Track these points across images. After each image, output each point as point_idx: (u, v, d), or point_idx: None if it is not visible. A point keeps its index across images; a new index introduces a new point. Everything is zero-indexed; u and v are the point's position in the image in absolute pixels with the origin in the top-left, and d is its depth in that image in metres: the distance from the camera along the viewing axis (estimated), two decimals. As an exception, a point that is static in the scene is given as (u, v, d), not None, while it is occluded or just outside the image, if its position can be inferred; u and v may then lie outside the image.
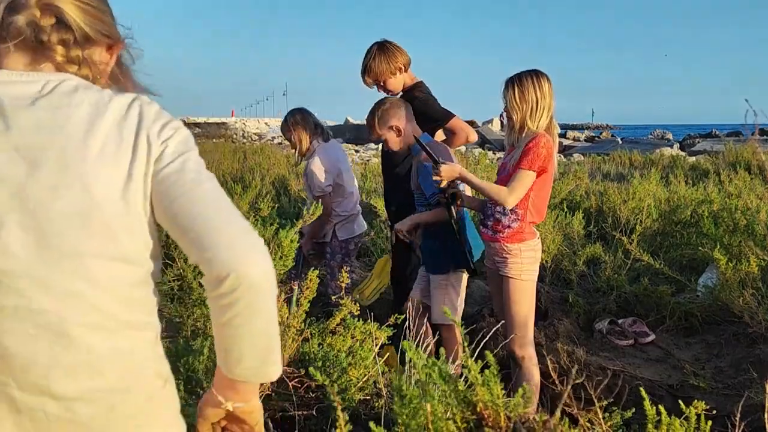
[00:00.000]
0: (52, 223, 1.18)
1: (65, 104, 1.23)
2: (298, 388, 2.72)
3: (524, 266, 3.60)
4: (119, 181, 1.22)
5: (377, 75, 4.39)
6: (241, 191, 7.34)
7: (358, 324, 3.14)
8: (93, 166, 1.20)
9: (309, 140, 5.01)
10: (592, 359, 4.46)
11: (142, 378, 1.30)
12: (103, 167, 1.21)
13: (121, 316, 1.25)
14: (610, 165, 17.14)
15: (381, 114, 4.04)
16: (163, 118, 1.30)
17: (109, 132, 1.24)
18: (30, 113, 1.21)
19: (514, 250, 3.59)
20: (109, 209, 1.21)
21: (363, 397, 2.75)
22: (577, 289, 5.67)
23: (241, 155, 16.07)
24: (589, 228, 6.90)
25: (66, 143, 1.20)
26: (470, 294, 5.97)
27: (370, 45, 4.48)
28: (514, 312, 3.62)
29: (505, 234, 3.60)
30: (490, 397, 1.20)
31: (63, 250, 1.19)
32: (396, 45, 4.44)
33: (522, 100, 3.54)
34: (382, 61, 4.35)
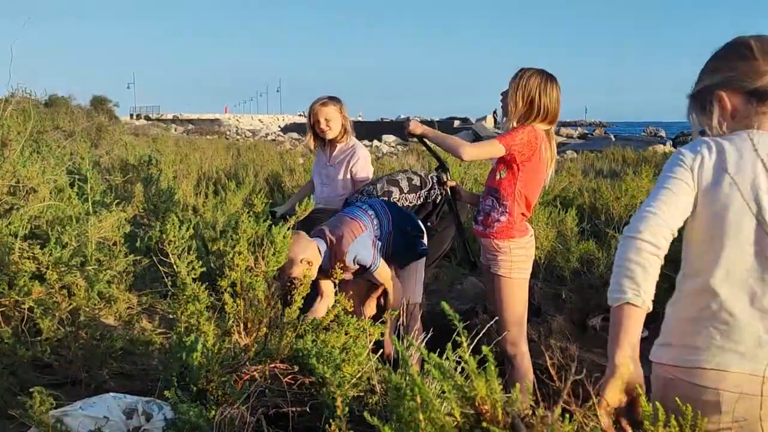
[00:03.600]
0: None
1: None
2: (291, 385, 2.70)
3: (514, 264, 3.58)
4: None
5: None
6: (235, 187, 7.33)
7: (352, 320, 3.12)
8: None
9: (348, 136, 4.98)
10: (585, 355, 4.46)
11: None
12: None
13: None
14: (604, 162, 17.20)
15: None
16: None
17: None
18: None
19: (504, 247, 3.57)
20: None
21: (357, 394, 2.73)
22: (570, 286, 5.68)
23: (234, 152, 16.06)
24: (583, 225, 6.91)
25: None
26: (463, 290, 5.98)
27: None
28: (505, 310, 3.61)
29: (495, 229, 3.57)
30: (488, 392, 1.19)
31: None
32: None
33: (521, 98, 3.49)
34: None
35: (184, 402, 2.30)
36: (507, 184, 3.54)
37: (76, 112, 16.99)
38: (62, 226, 3.91)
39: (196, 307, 2.83)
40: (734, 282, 1.75)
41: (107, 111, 27.84)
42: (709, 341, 1.77)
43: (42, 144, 5.99)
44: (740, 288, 1.75)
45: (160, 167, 6.08)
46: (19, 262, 3.43)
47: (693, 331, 1.83)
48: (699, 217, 1.81)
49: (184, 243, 4.38)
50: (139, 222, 5.77)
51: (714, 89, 1.89)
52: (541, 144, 3.49)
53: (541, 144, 3.49)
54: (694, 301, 1.85)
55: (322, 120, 4.82)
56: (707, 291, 1.80)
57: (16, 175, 4.13)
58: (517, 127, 3.48)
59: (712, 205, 1.78)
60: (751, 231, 1.73)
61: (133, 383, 3.18)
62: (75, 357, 3.14)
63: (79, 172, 5.26)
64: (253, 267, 2.94)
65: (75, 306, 3.36)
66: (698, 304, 1.83)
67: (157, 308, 4.06)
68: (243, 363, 2.68)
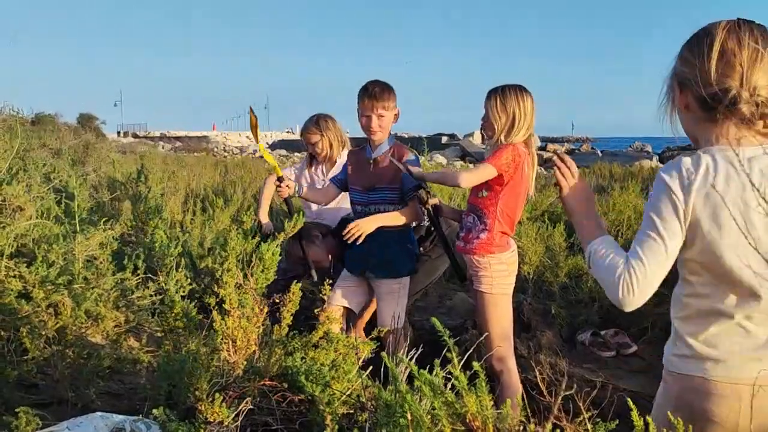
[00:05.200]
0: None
1: None
2: (281, 403, 2.69)
3: (495, 280, 3.58)
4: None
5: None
6: (223, 204, 7.30)
7: (341, 337, 3.11)
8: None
9: (339, 149, 5.04)
10: (575, 371, 4.46)
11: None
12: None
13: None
14: (591, 177, 17.25)
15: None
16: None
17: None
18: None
19: (483, 263, 3.58)
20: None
21: (346, 411, 2.72)
22: (559, 301, 5.67)
23: (222, 168, 16.02)
24: (571, 240, 6.92)
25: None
26: (453, 306, 5.97)
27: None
28: (489, 325, 3.61)
29: (474, 245, 3.59)
30: (479, 408, 1.18)
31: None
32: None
33: (503, 112, 3.54)
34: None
35: (173, 421, 2.28)
36: (489, 202, 3.57)
37: (63, 129, 16.90)
38: (49, 245, 3.88)
39: (184, 325, 2.82)
40: (746, 304, 1.77)
41: (94, 129, 27.73)
42: (727, 354, 1.80)
43: (29, 162, 5.96)
44: (751, 307, 1.77)
45: (148, 184, 6.05)
46: (5, 280, 3.40)
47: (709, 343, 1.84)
48: (694, 249, 1.81)
49: (173, 260, 4.37)
50: (127, 240, 5.74)
51: (675, 79, 1.88)
52: (522, 161, 3.52)
53: (522, 161, 3.52)
54: (702, 318, 1.86)
55: (310, 146, 4.98)
56: (715, 311, 1.82)
57: (2, 193, 4.11)
58: (501, 147, 3.51)
59: (711, 237, 1.76)
60: (753, 256, 1.72)
61: (120, 402, 3.15)
62: (62, 376, 3.11)
63: (65, 189, 5.24)
64: (242, 284, 2.93)
65: (62, 325, 3.33)
66: (708, 320, 1.85)
67: (145, 326, 4.03)
68: (232, 381, 2.67)
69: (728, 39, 1.73)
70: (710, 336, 1.82)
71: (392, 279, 3.93)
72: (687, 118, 1.87)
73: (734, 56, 1.71)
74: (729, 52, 1.72)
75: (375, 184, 3.92)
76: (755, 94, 1.70)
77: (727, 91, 1.71)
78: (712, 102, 1.74)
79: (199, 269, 5.14)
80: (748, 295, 1.76)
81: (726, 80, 1.72)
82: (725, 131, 1.76)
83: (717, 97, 1.73)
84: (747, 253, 1.71)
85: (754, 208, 1.70)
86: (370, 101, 3.82)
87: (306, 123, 5.11)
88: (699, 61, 1.76)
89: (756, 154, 1.74)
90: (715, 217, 1.74)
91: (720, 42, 1.73)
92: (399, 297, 3.95)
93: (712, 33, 1.76)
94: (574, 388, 1.40)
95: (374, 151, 3.95)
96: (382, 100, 3.82)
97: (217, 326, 2.74)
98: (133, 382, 3.42)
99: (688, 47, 1.84)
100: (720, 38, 1.73)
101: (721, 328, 1.81)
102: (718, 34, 1.74)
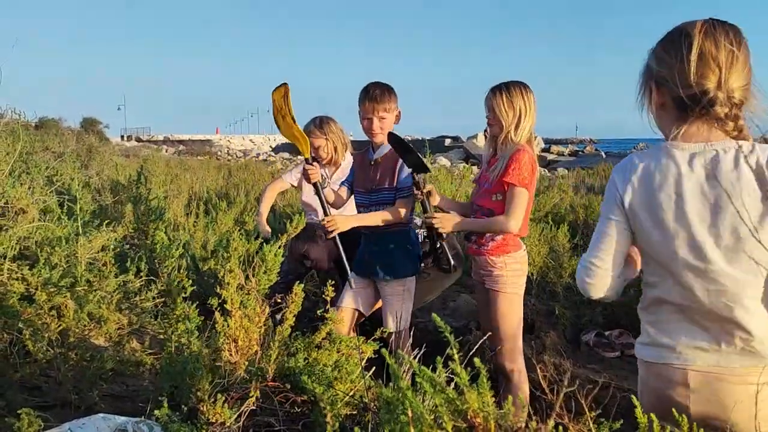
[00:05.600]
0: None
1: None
2: (283, 404, 2.68)
3: (509, 279, 3.58)
4: None
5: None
6: (226, 207, 7.31)
7: (344, 338, 3.11)
8: None
9: (343, 153, 5.03)
10: (579, 371, 4.45)
11: None
12: None
13: None
14: (594, 178, 17.22)
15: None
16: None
17: None
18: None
19: (499, 263, 3.58)
20: None
21: (349, 412, 2.71)
22: (563, 302, 5.66)
23: (225, 172, 16.05)
24: (575, 240, 6.91)
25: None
26: (457, 308, 5.96)
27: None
28: (502, 325, 3.60)
29: (489, 247, 3.59)
30: (481, 405, 1.18)
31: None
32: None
33: (510, 108, 3.54)
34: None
35: (175, 422, 2.28)
36: (504, 207, 3.56)
37: (67, 133, 16.95)
38: (51, 247, 3.89)
39: (187, 326, 2.81)
40: (685, 292, 1.85)
41: (97, 132, 27.81)
42: (676, 341, 1.88)
43: (31, 165, 5.97)
44: (692, 296, 1.84)
45: (150, 186, 6.06)
46: (8, 283, 3.40)
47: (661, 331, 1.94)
48: (639, 239, 1.94)
49: (174, 262, 4.37)
50: (130, 242, 5.74)
51: (650, 78, 1.93)
52: (536, 164, 3.55)
53: (536, 164, 3.55)
54: (655, 307, 1.96)
55: (313, 149, 4.93)
56: (662, 300, 1.92)
57: (5, 196, 4.11)
58: (515, 157, 3.49)
59: (645, 226, 1.89)
60: (685, 246, 1.82)
61: (123, 404, 3.15)
62: (64, 378, 3.10)
63: (68, 192, 5.24)
64: (244, 285, 2.93)
65: (64, 327, 3.33)
66: (659, 309, 1.94)
67: (148, 328, 4.03)
68: (234, 382, 2.66)
69: (705, 41, 1.77)
70: (661, 324, 1.92)
71: (396, 280, 3.92)
72: (661, 116, 1.94)
73: (712, 59, 1.76)
74: (707, 54, 1.76)
75: (376, 185, 3.91)
76: (731, 96, 1.76)
77: (705, 93, 1.77)
78: (689, 102, 1.79)
79: (203, 271, 5.14)
80: (685, 284, 1.84)
81: (704, 82, 1.77)
82: (695, 129, 1.83)
83: (695, 98, 1.78)
84: (680, 245, 1.82)
85: (690, 201, 1.79)
86: (371, 104, 3.81)
87: (308, 126, 5.04)
88: (677, 62, 1.81)
89: (704, 149, 1.81)
90: (650, 209, 1.86)
91: (698, 44, 1.77)
92: (404, 299, 3.93)
93: (689, 34, 1.80)
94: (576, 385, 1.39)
95: (376, 152, 3.95)
96: (383, 102, 3.81)
97: (219, 327, 2.73)
98: (136, 384, 3.41)
99: (663, 47, 1.88)
100: (698, 40, 1.78)
101: (669, 317, 1.90)
102: (695, 35, 1.78)
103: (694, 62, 1.77)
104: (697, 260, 1.80)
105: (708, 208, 1.78)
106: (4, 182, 4.17)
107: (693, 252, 1.80)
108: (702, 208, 1.78)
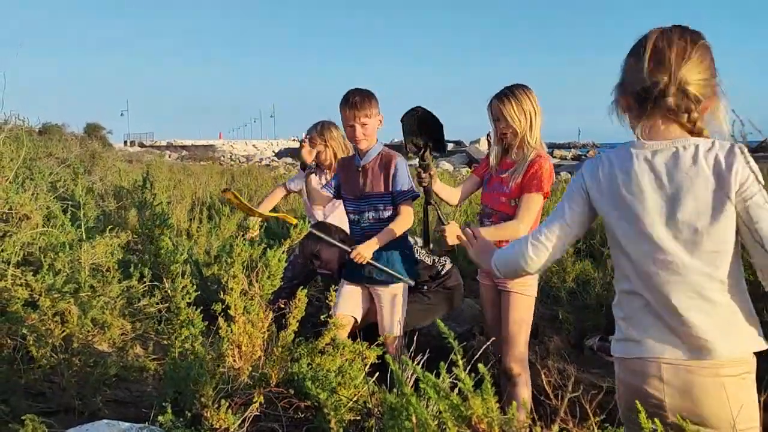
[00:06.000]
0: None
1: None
2: (287, 409, 2.68)
3: (528, 281, 3.59)
4: None
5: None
6: (229, 212, 7.31)
7: (347, 343, 3.10)
8: None
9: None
10: (583, 376, 4.43)
11: None
12: None
13: None
14: (597, 183, 17.17)
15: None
16: None
17: None
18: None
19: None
20: None
21: (353, 418, 2.71)
22: (566, 307, 5.65)
23: (229, 177, 16.06)
24: (578, 245, 6.91)
25: None
26: (460, 313, 5.94)
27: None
28: (515, 327, 3.59)
29: None
30: (485, 410, 1.17)
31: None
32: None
33: (521, 112, 3.54)
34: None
35: (179, 428, 2.28)
36: None
37: (70, 139, 16.98)
38: (55, 253, 3.89)
39: (190, 332, 2.81)
40: (649, 286, 1.91)
41: (101, 138, 27.89)
42: (645, 334, 1.92)
43: (35, 171, 5.98)
44: (656, 290, 1.90)
45: (154, 192, 6.06)
46: (12, 289, 3.40)
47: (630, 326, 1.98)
48: (607, 233, 2.03)
49: (178, 267, 4.37)
50: (133, 248, 5.75)
51: (618, 86, 2.02)
52: (553, 171, 3.59)
53: (553, 171, 3.59)
54: (623, 300, 2.02)
55: (315, 157, 4.96)
56: (629, 292, 1.97)
57: (8, 202, 4.12)
58: (536, 166, 3.51)
59: (611, 221, 1.98)
60: (646, 240, 1.91)
61: (127, 410, 3.15)
62: (68, 384, 3.10)
63: (72, 198, 5.25)
64: (247, 290, 2.93)
65: (68, 333, 3.33)
66: (627, 302, 2.00)
67: (151, 334, 4.03)
68: (238, 387, 2.66)
69: (659, 40, 1.89)
70: (631, 318, 1.96)
71: (391, 285, 3.92)
72: (629, 119, 2.02)
73: (664, 54, 1.87)
74: (659, 51, 1.88)
75: (364, 192, 3.91)
76: (683, 88, 1.85)
77: (656, 84, 1.87)
78: (644, 95, 1.90)
79: (206, 277, 5.14)
80: (648, 278, 1.91)
81: (656, 75, 1.88)
82: (657, 127, 1.91)
83: (648, 90, 1.88)
84: (642, 239, 1.91)
85: (650, 196, 1.88)
86: (352, 111, 3.82)
87: (310, 131, 5.08)
88: (635, 63, 1.93)
89: (665, 147, 1.89)
90: (615, 204, 1.95)
91: (653, 43, 1.89)
92: (400, 303, 3.93)
93: (647, 37, 1.93)
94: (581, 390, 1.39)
95: (363, 158, 3.94)
96: (364, 109, 3.82)
97: (222, 332, 2.73)
98: (140, 389, 3.41)
99: (628, 56, 2.00)
100: (653, 40, 1.90)
101: (638, 311, 1.95)
102: (651, 37, 1.91)
103: (647, 59, 1.88)
104: (657, 253, 1.88)
105: (667, 203, 1.87)
106: (8, 188, 4.18)
107: (653, 246, 1.89)
108: (662, 203, 1.88)
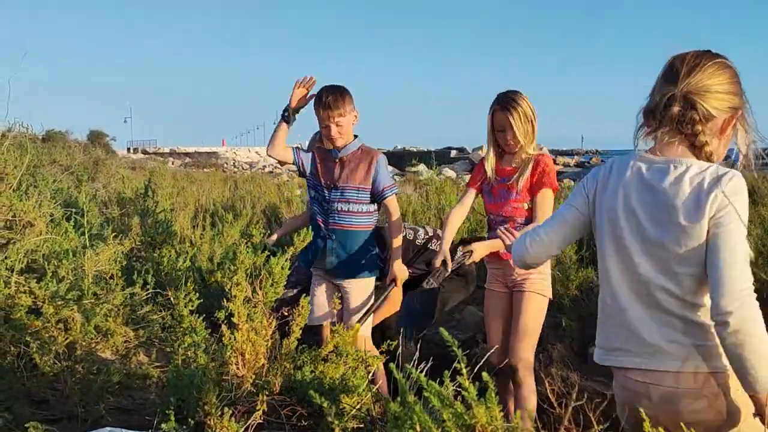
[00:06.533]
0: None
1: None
2: (290, 417, 2.68)
3: (546, 282, 3.63)
4: None
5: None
6: (232, 219, 7.31)
7: (350, 351, 3.10)
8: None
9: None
10: (587, 384, 4.42)
11: None
12: None
13: None
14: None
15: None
16: None
17: None
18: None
19: (540, 266, 3.57)
20: None
21: (356, 425, 2.71)
22: (570, 314, 5.64)
23: (232, 184, 16.07)
24: (581, 252, 6.89)
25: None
26: (462, 320, 5.95)
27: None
28: (532, 329, 3.59)
29: None
30: (489, 419, 1.17)
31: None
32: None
33: (526, 121, 3.56)
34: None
35: (182, 436, 2.28)
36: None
37: (73, 146, 17.03)
38: (59, 260, 3.89)
39: (194, 339, 2.81)
40: (625, 292, 1.98)
41: (104, 145, 27.96)
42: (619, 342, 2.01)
43: (39, 178, 5.99)
44: (632, 298, 1.97)
45: (156, 199, 6.07)
46: (16, 296, 3.41)
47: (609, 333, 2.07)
48: (596, 238, 2.11)
49: (181, 275, 4.37)
50: (137, 255, 5.75)
51: (642, 112, 2.06)
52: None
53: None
54: (603, 311, 2.11)
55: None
56: (606, 303, 2.06)
57: (12, 209, 4.13)
58: (543, 160, 3.61)
59: (597, 224, 2.07)
60: (620, 251, 1.98)
61: (130, 417, 3.15)
62: (71, 391, 3.10)
63: (75, 205, 5.26)
64: (251, 298, 2.93)
65: (71, 340, 3.34)
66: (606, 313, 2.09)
67: (154, 341, 4.03)
68: (241, 395, 2.66)
69: (676, 59, 1.96)
70: (606, 325, 2.07)
71: (358, 279, 3.94)
72: (644, 135, 2.05)
73: (675, 70, 1.93)
74: (672, 68, 1.95)
75: (338, 183, 3.91)
76: (690, 99, 1.89)
77: (665, 95, 1.92)
78: (654, 109, 1.95)
79: (209, 284, 5.14)
80: (617, 285, 1.99)
81: (665, 88, 1.93)
82: (665, 144, 1.95)
83: (658, 104, 1.94)
84: (616, 248, 1.99)
85: (636, 207, 1.95)
86: (326, 111, 3.83)
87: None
88: (654, 85, 2.00)
89: (663, 162, 1.93)
90: (605, 210, 2.02)
91: (669, 63, 1.97)
92: (364, 298, 3.94)
93: (667, 61, 1.99)
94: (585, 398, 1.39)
95: (341, 150, 3.93)
96: (337, 108, 3.82)
97: (226, 340, 2.73)
98: (143, 397, 3.41)
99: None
100: (670, 62, 1.97)
101: (611, 318, 2.04)
102: (669, 60, 1.98)
103: (662, 76, 1.97)
104: (628, 264, 1.95)
105: (646, 216, 1.92)
106: (12, 196, 4.19)
107: (625, 257, 1.96)
108: (638, 217, 1.93)
